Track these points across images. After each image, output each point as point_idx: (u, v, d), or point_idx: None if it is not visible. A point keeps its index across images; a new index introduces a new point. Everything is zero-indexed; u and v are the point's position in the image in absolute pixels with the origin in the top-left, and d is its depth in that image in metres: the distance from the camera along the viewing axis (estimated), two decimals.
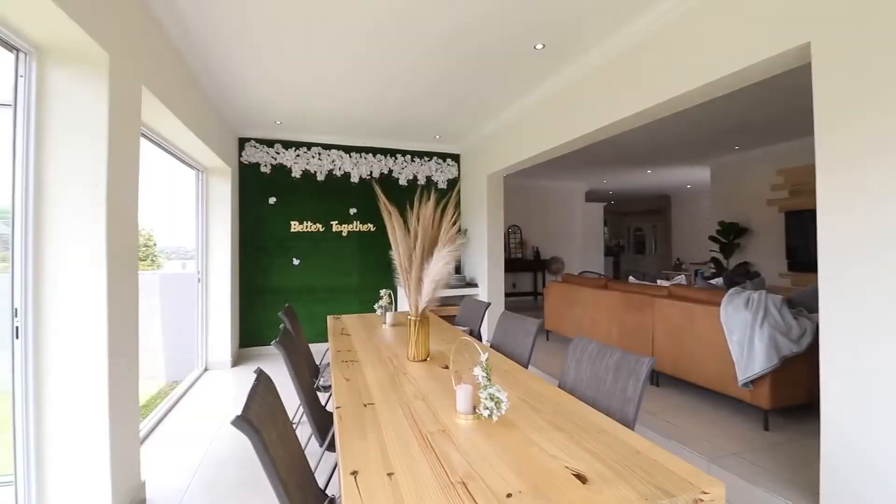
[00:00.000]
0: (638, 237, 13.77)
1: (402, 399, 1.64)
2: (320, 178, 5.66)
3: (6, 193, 1.93)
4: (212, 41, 3.05)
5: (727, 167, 7.55)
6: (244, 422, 1.09)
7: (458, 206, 5.97)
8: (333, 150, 5.71)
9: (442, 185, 6.16)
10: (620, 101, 3.07)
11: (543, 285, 9.20)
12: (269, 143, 5.46)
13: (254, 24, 2.81)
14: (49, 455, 1.88)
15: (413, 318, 2.11)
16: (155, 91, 2.61)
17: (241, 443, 2.95)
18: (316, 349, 3.72)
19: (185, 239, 4.92)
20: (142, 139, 2.67)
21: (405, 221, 2.28)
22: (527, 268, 9.24)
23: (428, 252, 2.16)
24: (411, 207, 2.28)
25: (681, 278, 5.37)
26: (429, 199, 2.26)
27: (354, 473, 1.12)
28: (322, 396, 2.60)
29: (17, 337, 1.86)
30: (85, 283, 1.94)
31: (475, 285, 5.63)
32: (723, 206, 7.67)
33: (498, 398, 1.39)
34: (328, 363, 2.87)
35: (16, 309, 1.87)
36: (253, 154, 5.40)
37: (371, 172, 5.86)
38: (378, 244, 5.84)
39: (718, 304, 3.22)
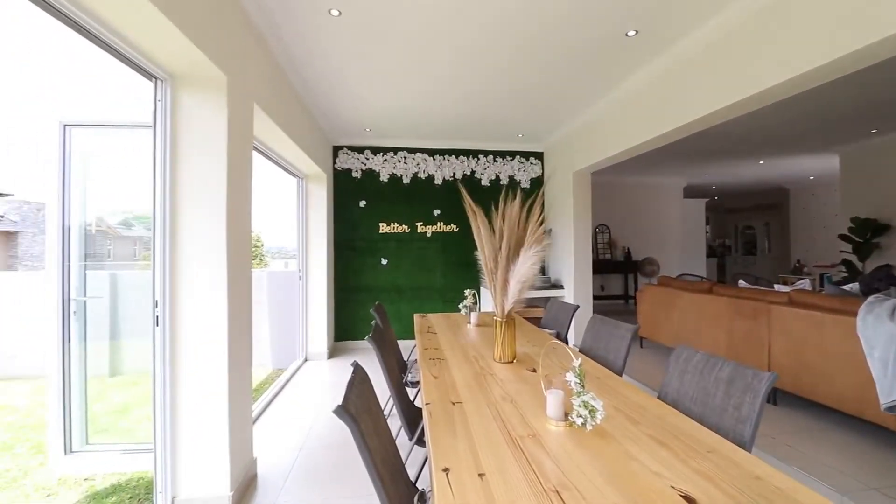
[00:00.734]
0: (747, 236, 12.31)
1: (489, 400, 1.62)
2: (406, 181, 5.86)
3: (149, 203, 2.26)
4: (309, 60, 3.31)
5: (861, 154, 6.47)
6: (345, 412, 1.16)
7: (543, 205, 5.83)
8: (418, 154, 5.88)
9: (525, 185, 6.06)
10: (731, 82, 2.75)
11: (635, 288, 8.62)
12: (360, 150, 5.78)
13: (347, 44, 3.00)
14: (181, 428, 2.16)
15: (499, 319, 2.09)
16: (264, 107, 2.89)
17: (338, 430, 3.15)
18: (403, 345, 3.86)
19: (286, 240, 5.40)
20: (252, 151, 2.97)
21: (490, 222, 2.27)
22: (616, 269, 8.72)
23: (514, 252, 2.13)
24: (495, 207, 2.27)
25: (804, 283, 4.69)
26: (514, 198, 2.22)
27: (446, 470, 1.13)
28: (409, 391, 2.68)
29: (157, 325, 2.17)
30: (209, 279, 2.20)
31: (560, 287, 5.44)
32: (856, 199, 6.58)
33: (593, 406, 1.32)
34: (415, 359, 2.96)
35: (156, 301, 2.18)
36: (345, 160, 5.76)
37: (454, 174, 5.94)
38: (461, 244, 5.90)
39: (854, 314, 2.76)
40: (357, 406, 1.32)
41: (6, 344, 5.01)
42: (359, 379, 1.47)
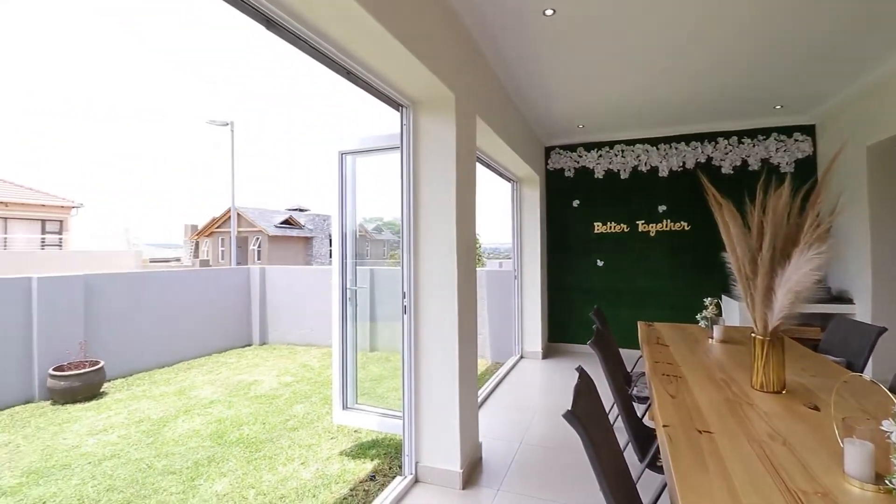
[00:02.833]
0: None
1: (750, 435, 1.33)
2: (624, 175, 5.42)
3: (392, 212, 2.68)
4: (523, 64, 3.37)
5: None
6: (575, 418, 1.12)
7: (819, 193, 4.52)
8: (638, 145, 5.37)
9: (786, 168, 4.83)
10: None
11: None
12: (572, 148, 5.64)
13: (559, 42, 2.94)
14: (422, 402, 2.50)
15: (759, 337, 1.69)
16: (484, 118, 3.10)
17: (556, 434, 3.13)
18: (622, 354, 3.57)
19: (498, 240, 5.70)
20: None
21: (742, 216, 1.86)
22: None
23: (781, 254, 1.69)
24: (750, 198, 1.84)
25: None
26: (776, 185, 1.76)
27: None
28: (636, 407, 2.45)
29: (405, 313, 2.57)
30: (443, 275, 2.48)
31: (848, 301, 4.12)
32: None
33: None
34: (642, 372, 2.69)
35: (404, 292, 2.58)
36: (557, 160, 5.70)
37: (684, 163, 5.19)
38: (693, 245, 5.11)
39: None
40: (586, 414, 1.26)
41: (308, 319, 6.78)
42: (585, 386, 1.40)
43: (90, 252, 16.01)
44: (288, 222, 29.03)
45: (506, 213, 5.48)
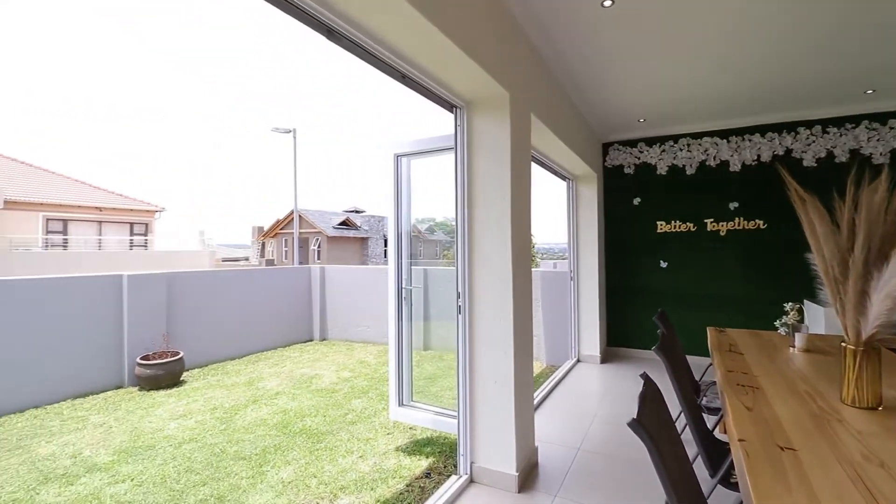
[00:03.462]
0: None
1: (840, 455, 1.20)
2: (690, 171, 5.11)
3: (444, 213, 2.70)
4: (579, 59, 3.27)
5: None
6: (641, 427, 1.07)
7: None
8: (706, 138, 5.04)
9: (880, 159, 4.33)
10: None
11: None
12: (632, 144, 5.39)
13: (618, 34, 2.82)
14: (477, 403, 2.50)
15: (850, 347, 1.53)
16: (539, 115, 3.04)
17: (616, 442, 3.02)
18: (690, 362, 3.36)
19: (552, 240, 5.56)
20: None
21: (830, 213, 1.69)
22: None
23: (877, 255, 1.52)
24: (837, 193, 1.67)
25: None
26: (872, 177, 1.58)
27: None
28: (705, 418, 2.30)
29: (459, 313, 2.58)
30: (498, 276, 2.46)
31: None
32: None
33: None
34: (712, 382, 2.52)
35: (459, 292, 2.59)
36: (616, 157, 5.48)
37: (758, 156, 4.81)
38: (769, 244, 4.72)
39: None
40: (653, 423, 1.20)
41: (364, 317, 7.00)
42: (652, 394, 1.34)
43: (171, 252, 17.54)
44: (345, 223, 30.15)
45: (560, 212, 5.35)
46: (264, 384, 4.78)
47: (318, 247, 28.53)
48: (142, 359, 4.77)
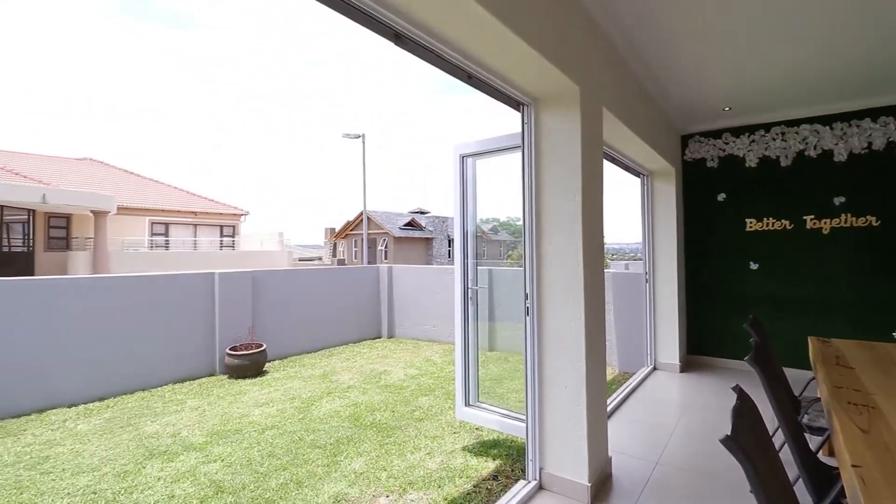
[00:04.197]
0: None
1: None
2: (785, 163, 4.61)
3: (508, 213, 2.65)
4: (655, 45, 3.06)
5: None
6: (737, 445, 0.97)
7: None
8: (804, 126, 4.51)
9: None
10: None
11: None
12: (716, 135, 4.97)
13: (699, 15, 2.60)
14: (546, 408, 2.43)
15: None
16: (611, 108, 2.89)
17: (700, 457, 2.80)
18: (789, 375, 3.03)
19: (622, 239, 5.27)
20: None
21: None
22: None
23: None
24: None
25: None
26: None
27: None
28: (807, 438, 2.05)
29: (527, 314, 2.52)
30: (568, 277, 2.37)
31: None
32: None
33: None
34: (815, 398, 2.26)
35: (526, 294, 2.54)
36: (697, 150, 5.08)
37: (870, 144, 4.22)
38: (884, 243, 4.13)
39: None
40: (749, 442, 1.09)
41: (429, 316, 7.12)
42: (747, 409, 1.21)
43: (254, 252, 19.05)
44: (411, 224, 30.90)
45: (632, 211, 5.07)
46: (337, 378, 5.02)
47: (385, 247, 29.49)
48: (231, 349, 5.21)
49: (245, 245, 21.51)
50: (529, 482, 2.40)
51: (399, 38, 1.78)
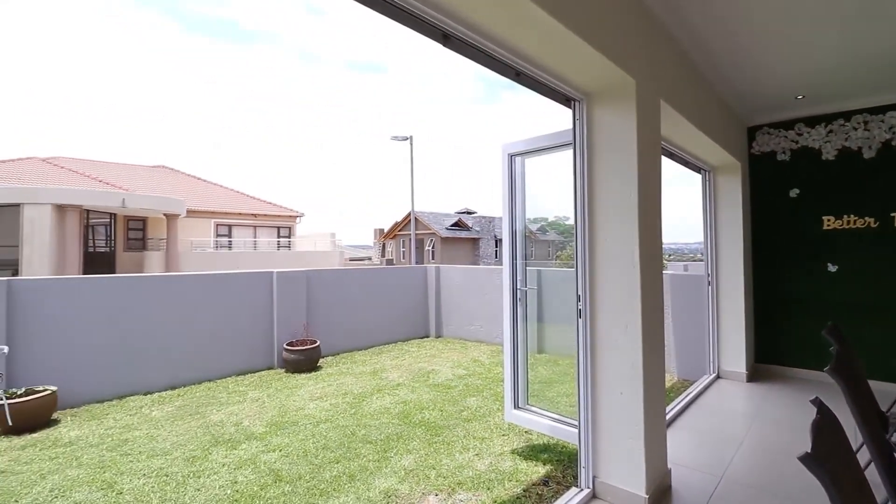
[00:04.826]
0: None
1: None
2: (868, 154, 4.18)
3: (556, 212, 2.57)
4: (718, 32, 2.87)
5: None
6: (818, 463, 0.89)
7: None
8: (891, 113, 4.08)
9: None
10: None
11: None
12: (787, 125, 4.59)
13: None
14: (600, 415, 2.35)
15: None
16: (670, 101, 2.74)
17: (768, 474, 2.60)
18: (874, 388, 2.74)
19: (680, 239, 4.98)
20: None
21: None
22: None
23: None
24: None
25: None
26: None
27: None
28: None
29: (579, 317, 2.45)
30: (624, 279, 2.28)
31: None
32: None
33: None
34: None
35: (578, 295, 2.46)
36: (766, 142, 4.73)
37: None
38: None
39: None
40: (832, 460, 0.99)
41: (476, 316, 7.10)
42: (829, 424, 1.11)
43: (308, 252, 19.90)
44: (457, 224, 31.02)
45: (693, 208, 4.80)
46: (386, 375, 5.13)
47: (432, 247, 29.78)
48: (287, 345, 5.46)
49: (300, 245, 22.51)
50: (582, 490, 2.33)
51: (447, 39, 1.78)
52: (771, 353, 4.63)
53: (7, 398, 3.53)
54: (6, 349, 3.76)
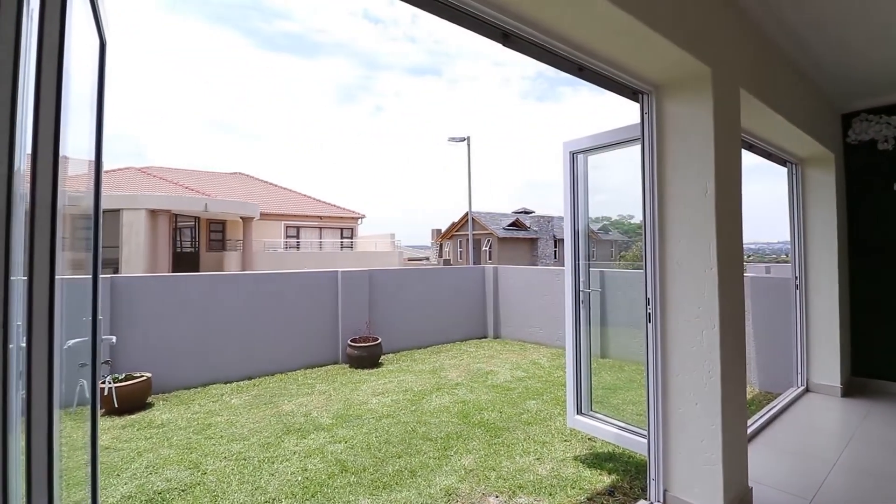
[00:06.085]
0: None
1: None
2: None
3: (619, 211, 2.45)
4: (802, 9, 2.59)
5: None
6: None
7: None
8: None
9: None
10: None
11: None
12: (890, 110, 4.07)
13: None
14: (672, 425, 2.22)
15: None
16: (751, 90, 2.53)
17: (869, 499, 2.32)
18: None
19: (761, 238, 4.57)
20: None
21: None
22: None
23: None
24: None
25: None
26: None
27: None
28: None
29: (649, 321, 2.33)
30: (700, 280, 2.13)
31: None
32: None
33: None
34: None
35: (648, 299, 2.34)
36: (864, 130, 4.21)
37: None
38: None
39: None
40: None
41: (535, 318, 6.97)
42: None
43: (369, 252, 20.63)
44: (515, 224, 30.65)
45: (779, 205, 4.39)
46: (445, 374, 5.18)
47: (490, 247, 29.66)
48: (351, 341, 5.69)
49: (361, 246, 23.38)
50: (652, 503, 2.22)
51: (507, 38, 1.75)
52: (871, 366, 4.12)
53: (113, 382, 3.99)
54: (114, 339, 4.20)
